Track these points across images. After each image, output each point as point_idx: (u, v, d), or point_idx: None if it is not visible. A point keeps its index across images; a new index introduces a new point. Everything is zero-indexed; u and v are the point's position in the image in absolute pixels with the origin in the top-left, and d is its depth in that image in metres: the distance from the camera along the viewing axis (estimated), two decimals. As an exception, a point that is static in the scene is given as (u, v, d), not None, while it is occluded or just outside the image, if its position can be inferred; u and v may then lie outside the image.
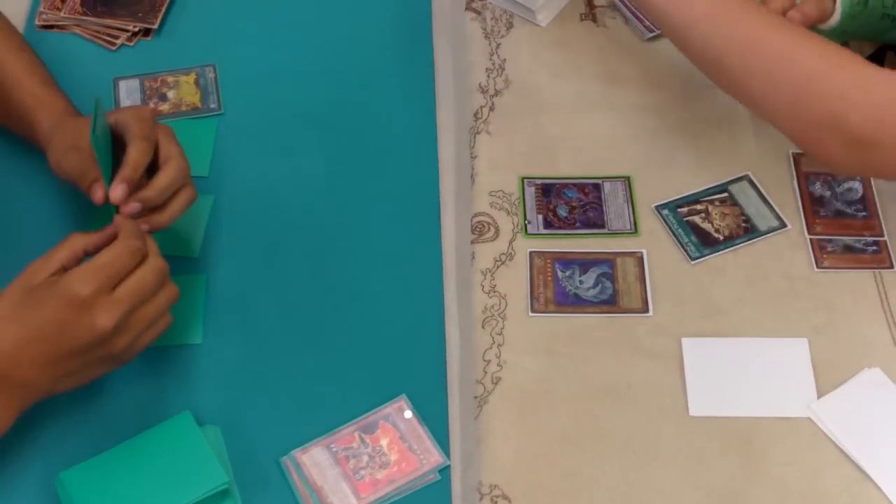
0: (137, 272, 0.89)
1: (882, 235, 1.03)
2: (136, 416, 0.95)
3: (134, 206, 0.94)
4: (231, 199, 1.10)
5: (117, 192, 0.94)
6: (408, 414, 0.94)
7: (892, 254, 1.02)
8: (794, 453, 0.90)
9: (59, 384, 0.89)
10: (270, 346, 1.00)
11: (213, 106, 1.17)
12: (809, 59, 0.89)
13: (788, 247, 1.03)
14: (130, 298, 0.88)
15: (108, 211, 0.95)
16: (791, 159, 1.09)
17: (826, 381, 0.94)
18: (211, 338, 1.00)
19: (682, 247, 1.03)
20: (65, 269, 0.89)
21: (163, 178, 0.96)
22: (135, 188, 0.95)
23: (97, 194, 0.95)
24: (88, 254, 0.90)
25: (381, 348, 1.00)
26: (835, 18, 1.01)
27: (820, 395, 0.93)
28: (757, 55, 0.91)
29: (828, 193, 1.06)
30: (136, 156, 0.95)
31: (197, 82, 1.18)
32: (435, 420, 0.94)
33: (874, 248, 1.02)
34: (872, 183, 1.07)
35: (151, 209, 0.96)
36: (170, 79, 1.19)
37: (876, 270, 1.01)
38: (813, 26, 1.03)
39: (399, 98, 1.17)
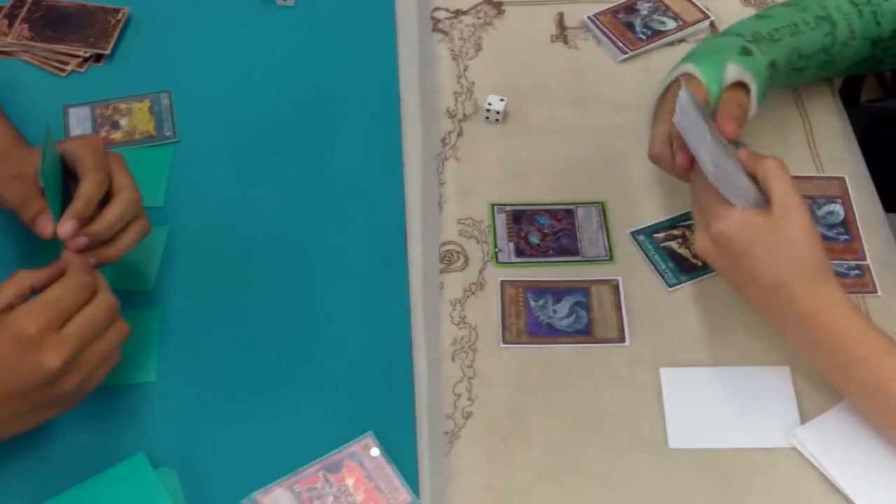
0: (87, 309, 0.90)
1: (864, 259, 1.05)
2: (86, 459, 0.95)
3: (80, 241, 0.94)
4: (187, 229, 1.10)
5: (66, 227, 0.94)
6: (374, 451, 0.95)
7: (875, 278, 1.04)
8: (778, 485, 0.92)
9: (5, 428, 0.90)
10: (229, 383, 1.01)
11: (167, 133, 1.18)
12: None
13: (769, 272, 1.04)
14: (79, 336, 0.89)
15: (55, 244, 0.95)
16: (771, 182, 1.11)
17: (810, 409, 0.95)
18: (166, 376, 1.00)
19: (660, 273, 1.05)
20: (11, 307, 0.89)
21: (112, 211, 0.97)
22: (85, 220, 0.96)
23: (46, 229, 0.95)
24: (35, 290, 0.91)
25: (346, 384, 1.00)
26: (752, 109, 1.03)
27: (803, 423, 0.94)
28: None
29: (809, 217, 1.08)
30: (88, 190, 0.96)
31: (151, 109, 1.19)
32: (403, 457, 0.95)
33: (857, 272, 1.05)
34: (854, 206, 1.09)
35: (101, 242, 0.96)
36: (122, 106, 1.20)
37: (859, 295, 1.03)
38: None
39: (363, 123, 1.19)
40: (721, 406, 0.96)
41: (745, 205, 0.91)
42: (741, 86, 1.03)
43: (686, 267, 1.05)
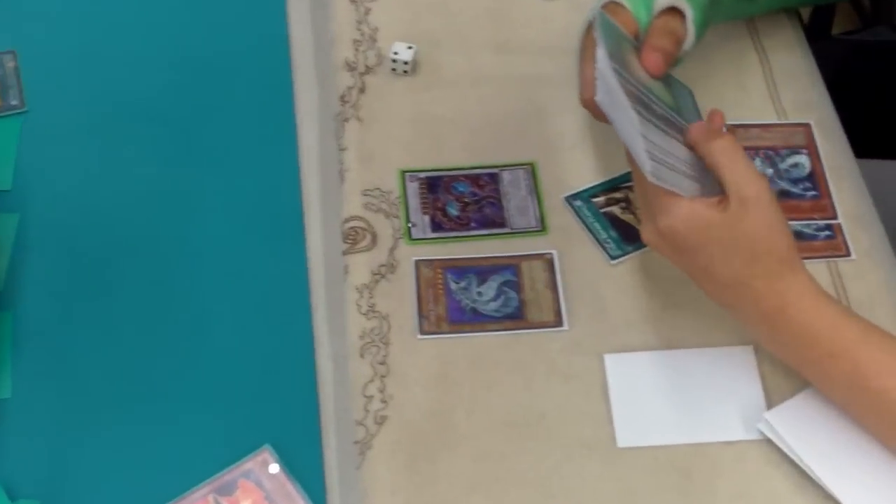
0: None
1: (835, 218, 1.05)
2: (-71, 494, 0.93)
3: None
4: (42, 216, 1.08)
5: None
6: (274, 468, 0.94)
7: (847, 239, 1.04)
8: (745, 484, 0.91)
9: None
10: (98, 396, 0.99)
11: (14, 102, 1.15)
12: None
13: (726, 237, 1.04)
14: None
15: None
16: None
17: (777, 394, 0.95)
18: (22, 390, 0.99)
19: (601, 244, 1.04)
20: None
21: None
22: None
23: None
24: None
25: (237, 390, 0.99)
26: (689, 39, 1.02)
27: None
28: None
29: (770, 171, 1.08)
30: None
31: (-7, 74, 1.17)
32: (308, 473, 0.94)
33: (827, 233, 1.04)
34: (822, 156, 1.09)
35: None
36: (-43, 71, 1.17)
37: (830, 260, 1.03)
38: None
39: (247, 81, 1.17)
40: (676, 396, 0.95)
41: (695, 192, 0.89)
42: (675, 12, 1.02)
43: (631, 236, 1.04)
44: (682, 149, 0.92)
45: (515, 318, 1.00)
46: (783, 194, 1.06)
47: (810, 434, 0.92)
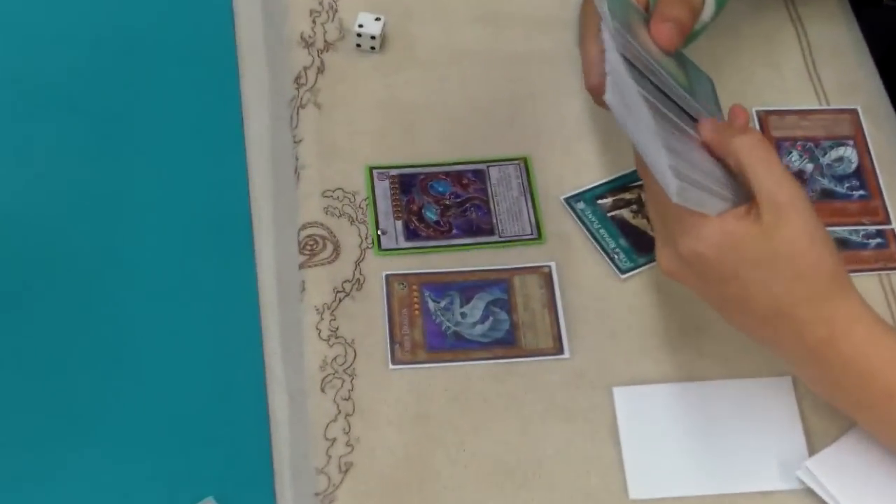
0: None
1: (888, 222, 1.05)
2: None
3: None
4: (-63, 223, 1.09)
5: None
6: (217, 527, 0.94)
7: (903, 247, 1.05)
8: (781, 543, 0.92)
9: None
10: (10, 437, 1.00)
11: None
12: None
13: (759, 245, 1.04)
14: None
15: None
16: (756, 120, 1.11)
17: (820, 435, 0.95)
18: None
19: (608, 255, 1.04)
20: None
21: None
22: None
23: None
24: None
25: (174, 432, 1.01)
26: (708, 9, 1.02)
27: (813, 454, 0.94)
28: None
29: (810, 166, 1.08)
30: None
31: None
32: (258, 533, 0.94)
33: (878, 240, 1.05)
34: (871, 147, 1.09)
35: None
36: None
37: (882, 273, 1.03)
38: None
39: (184, 62, 1.19)
40: (699, 437, 0.96)
41: (723, 209, 0.88)
42: None
43: (644, 245, 1.04)
44: (706, 154, 0.90)
45: (507, 344, 1.00)
46: (826, 194, 1.07)
47: (859, 485, 0.92)
